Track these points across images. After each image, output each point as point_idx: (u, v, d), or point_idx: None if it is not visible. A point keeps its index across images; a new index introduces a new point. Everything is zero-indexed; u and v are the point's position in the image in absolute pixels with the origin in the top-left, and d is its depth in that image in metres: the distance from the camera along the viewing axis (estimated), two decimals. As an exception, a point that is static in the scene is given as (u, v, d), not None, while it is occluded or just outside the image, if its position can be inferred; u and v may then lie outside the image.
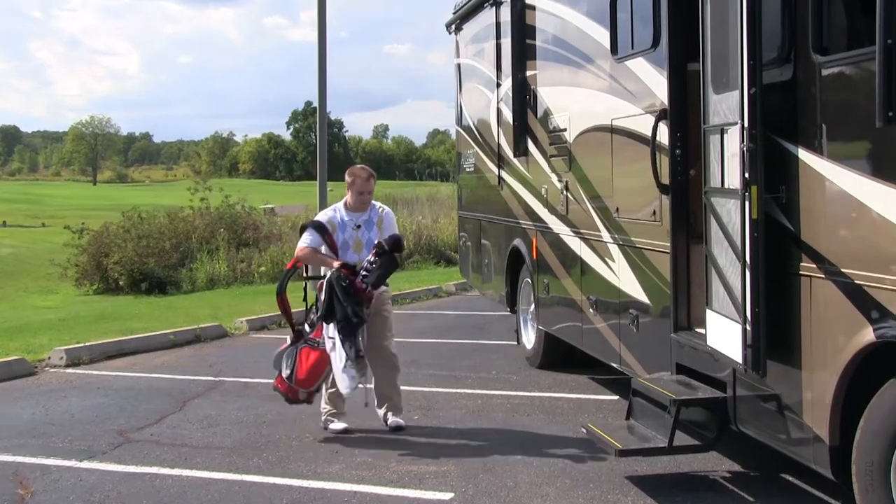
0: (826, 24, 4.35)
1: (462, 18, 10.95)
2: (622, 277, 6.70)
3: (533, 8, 8.49)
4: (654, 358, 6.24)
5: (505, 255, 9.63)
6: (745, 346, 4.68)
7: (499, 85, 9.50)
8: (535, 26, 8.49)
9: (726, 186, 4.89)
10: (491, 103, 9.82)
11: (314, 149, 20.39)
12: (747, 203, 4.56)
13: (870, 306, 4.03)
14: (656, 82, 6.01)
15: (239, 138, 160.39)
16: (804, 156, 4.45)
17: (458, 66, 11.41)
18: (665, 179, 5.90)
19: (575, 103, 7.55)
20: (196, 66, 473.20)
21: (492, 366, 9.42)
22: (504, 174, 9.55)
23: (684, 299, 5.90)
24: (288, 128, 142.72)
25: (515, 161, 9.06)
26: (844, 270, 4.20)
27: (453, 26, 11.38)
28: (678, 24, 5.80)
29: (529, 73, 8.67)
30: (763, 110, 4.53)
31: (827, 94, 4.31)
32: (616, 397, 7.75)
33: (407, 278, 17.77)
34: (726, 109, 4.86)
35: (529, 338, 9.37)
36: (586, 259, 7.39)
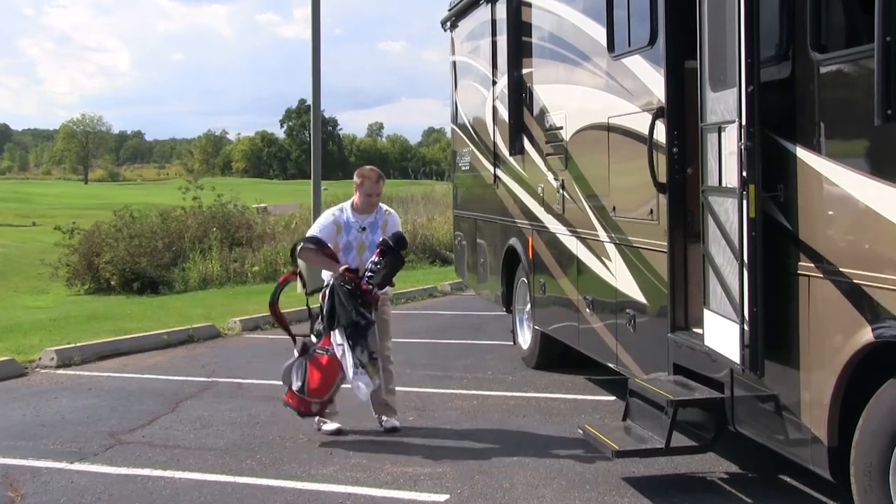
0: (824, 22, 4.33)
1: (457, 15, 10.91)
2: (619, 277, 6.67)
3: (529, 5, 8.45)
4: (651, 358, 6.21)
5: (501, 254, 9.59)
6: (742, 346, 4.66)
7: (494, 83, 9.45)
8: (530, 23, 8.45)
9: (724, 185, 4.86)
10: (486, 101, 9.78)
11: (308, 147, 20.28)
12: (745, 202, 4.53)
13: (868, 306, 4.01)
14: (653, 80, 5.98)
15: (232, 136, 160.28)
16: (802, 154, 4.42)
17: (454, 63, 11.37)
18: (662, 178, 5.87)
19: (571, 101, 7.51)
20: (188, 64, 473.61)
21: (487, 366, 9.38)
22: (500, 173, 9.51)
23: (681, 299, 5.87)
24: (282, 126, 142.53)
25: (511, 159, 9.02)
26: (843, 270, 4.17)
27: (448, 23, 11.34)
28: (675, 22, 5.78)
29: (525, 70, 8.63)
30: (761, 108, 4.50)
31: (825, 92, 4.28)
32: (613, 398, 7.72)
33: (402, 278, 17.56)
34: (724, 107, 4.82)
35: (525, 338, 9.33)
36: (583, 258, 7.35)
